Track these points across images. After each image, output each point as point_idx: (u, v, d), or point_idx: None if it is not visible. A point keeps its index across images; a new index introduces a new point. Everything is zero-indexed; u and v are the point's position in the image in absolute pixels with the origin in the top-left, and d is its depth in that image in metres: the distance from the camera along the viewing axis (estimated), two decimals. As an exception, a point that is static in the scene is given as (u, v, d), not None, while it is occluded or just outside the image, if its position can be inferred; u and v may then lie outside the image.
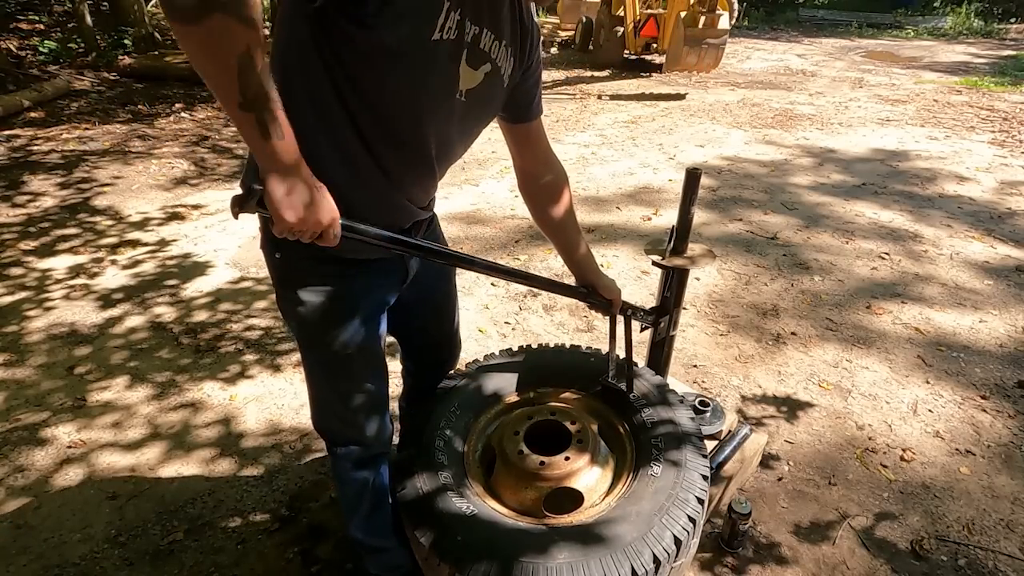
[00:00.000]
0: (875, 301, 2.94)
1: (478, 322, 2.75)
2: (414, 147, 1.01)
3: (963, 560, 1.69)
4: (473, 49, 0.96)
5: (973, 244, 3.53)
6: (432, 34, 0.88)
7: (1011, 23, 14.87)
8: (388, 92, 0.92)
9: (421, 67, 0.91)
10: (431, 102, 0.97)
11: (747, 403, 2.27)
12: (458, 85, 0.98)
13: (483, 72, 1.01)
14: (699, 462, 1.25)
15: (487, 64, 1.00)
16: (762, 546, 1.72)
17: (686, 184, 1.44)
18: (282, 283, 1.12)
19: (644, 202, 4.09)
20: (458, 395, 1.44)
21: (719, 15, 6.44)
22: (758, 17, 15.85)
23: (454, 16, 0.89)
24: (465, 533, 1.11)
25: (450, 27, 0.90)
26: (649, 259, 1.53)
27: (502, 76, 1.05)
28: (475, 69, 0.99)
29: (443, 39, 0.90)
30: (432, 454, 1.28)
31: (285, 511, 1.81)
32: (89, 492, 1.86)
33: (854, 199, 4.17)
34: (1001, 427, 2.17)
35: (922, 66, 9.53)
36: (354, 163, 0.97)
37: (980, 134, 5.71)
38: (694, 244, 1.55)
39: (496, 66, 1.02)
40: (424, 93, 0.95)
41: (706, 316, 2.82)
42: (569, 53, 10.00)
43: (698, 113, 6.45)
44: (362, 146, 0.96)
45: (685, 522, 1.13)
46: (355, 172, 0.98)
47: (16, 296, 2.87)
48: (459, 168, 4.71)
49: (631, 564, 1.04)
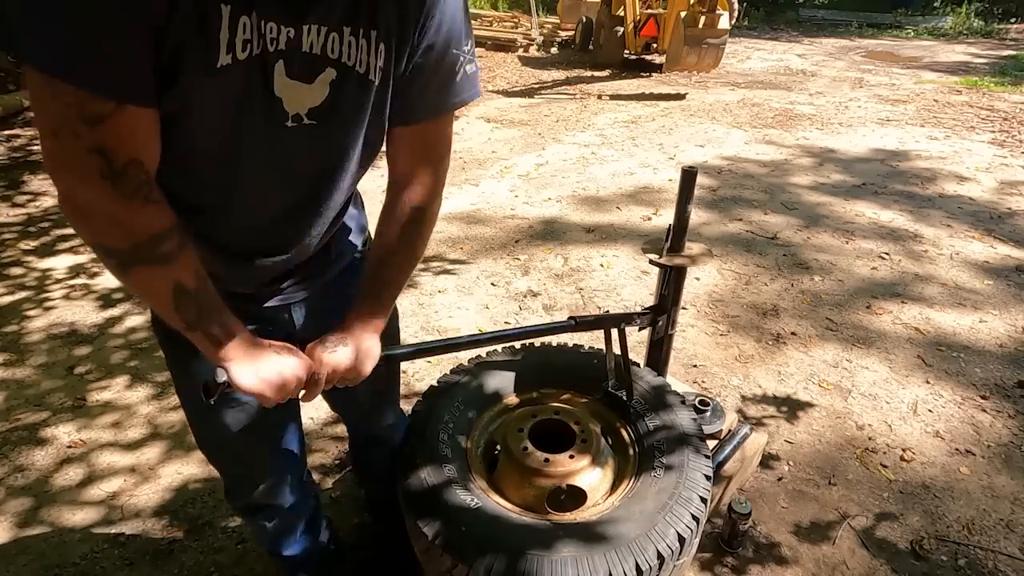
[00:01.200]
0: (875, 301, 2.94)
1: (478, 322, 2.75)
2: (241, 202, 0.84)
3: (963, 560, 1.69)
4: (294, 57, 0.74)
5: (973, 244, 3.53)
6: (217, 58, 0.67)
7: (1011, 23, 14.87)
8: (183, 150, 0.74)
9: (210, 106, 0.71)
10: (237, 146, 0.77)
11: (747, 403, 2.27)
12: (284, 109, 0.77)
13: (325, 82, 0.78)
14: (701, 462, 1.26)
15: (329, 70, 0.78)
16: (762, 546, 1.72)
17: (682, 183, 1.44)
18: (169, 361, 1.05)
19: (644, 202, 4.09)
20: (461, 391, 1.44)
21: (719, 15, 6.44)
22: (758, 17, 15.84)
23: (245, 22, 0.68)
24: (470, 525, 1.11)
25: (246, 39, 0.69)
26: (649, 259, 1.53)
27: (367, 77, 0.81)
28: (309, 82, 0.77)
29: (235, 61, 0.69)
30: (436, 447, 1.28)
31: (285, 511, 1.81)
32: (89, 492, 1.86)
33: (854, 199, 4.17)
34: (1001, 427, 2.17)
35: (922, 66, 9.54)
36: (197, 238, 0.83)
37: (980, 134, 5.71)
38: (692, 243, 1.55)
39: (348, 68, 0.79)
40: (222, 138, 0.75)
41: (706, 316, 2.82)
42: (569, 53, 10.00)
43: (698, 113, 6.45)
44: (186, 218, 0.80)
45: (689, 520, 1.13)
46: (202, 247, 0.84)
47: (16, 296, 2.87)
48: (459, 168, 4.71)
49: (635, 560, 1.05)
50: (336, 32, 0.75)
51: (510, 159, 4.96)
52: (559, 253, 3.39)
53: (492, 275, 3.14)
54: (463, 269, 3.20)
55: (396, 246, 0.97)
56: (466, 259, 3.31)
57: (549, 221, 3.80)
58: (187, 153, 0.75)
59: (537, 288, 3.03)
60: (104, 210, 0.70)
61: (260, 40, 0.70)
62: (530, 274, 3.16)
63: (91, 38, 0.61)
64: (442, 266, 3.23)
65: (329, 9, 0.74)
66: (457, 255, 3.36)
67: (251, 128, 0.76)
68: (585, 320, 1.35)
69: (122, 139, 0.67)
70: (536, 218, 3.84)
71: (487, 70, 8.46)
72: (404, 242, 0.97)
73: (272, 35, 0.71)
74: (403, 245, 0.97)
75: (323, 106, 0.79)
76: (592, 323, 1.38)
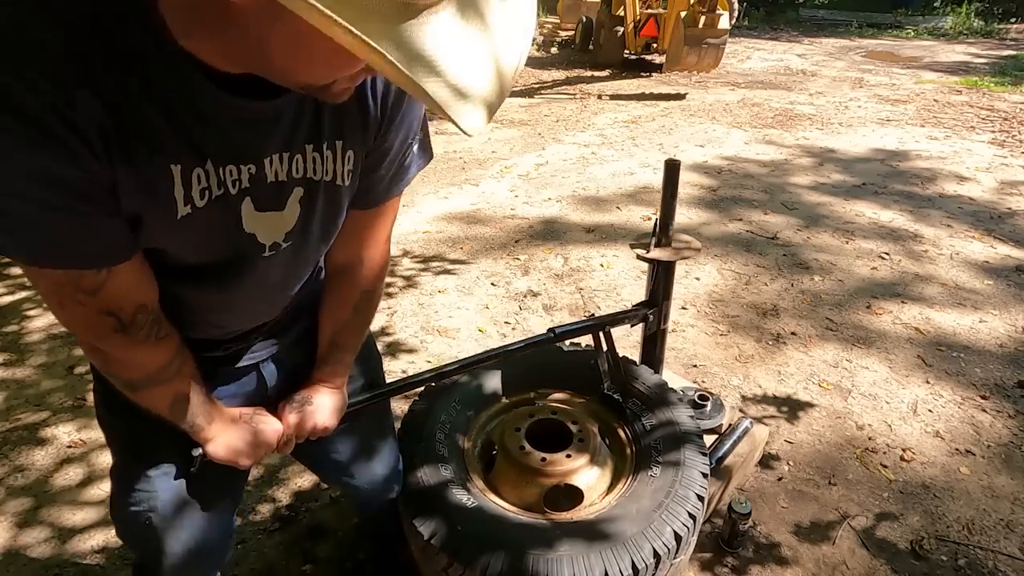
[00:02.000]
0: (875, 301, 2.94)
1: (478, 322, 2.75)
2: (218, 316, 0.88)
3: (963, 560, 1.69)
4: (261, 191, 0.73)
5: (973, 244, 3.53)
6: (176, 212, 0.66)
7: (1011, 23, 14.86)
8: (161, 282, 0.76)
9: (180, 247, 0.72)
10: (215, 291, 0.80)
11: (747, 403, 2.27)
12: (260, 242, 0.77)
13: (295, 201, 0.77)
14: (698, 460, 1.26)
15: (297, 189, 0.76)
16: (762, 546, 1.72)
17: (666, 176, 1.44)
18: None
19: (644, 202, 4.09)
20: (459, 390, 1.44)
21: (719, 15, 6.44)
22: (758, 17, 15.85)
23: (199, 173, 0.66)
24: (466, 524, 1.11)
25: (203, 188, 0.67)
26: (636, 254, 1.53)
27: (335, 183, 0.80)
28: (280, 208, 0.76)
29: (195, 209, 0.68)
30: (433, 447, 1.28)
31: (285, 511, 1.81)
32: (89, 492, 1.86)
33: (854, 199, 4.17)
34: (1001, 427, 2.17)
35: (922, 66, 9.53)
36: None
37: (980, 134, 5.71)
38: (681, 235, 1.55)
39: (315, 182, 0.77)
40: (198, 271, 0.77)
41: (706, 316, 2.82)
42: (569, 53, 10.00)
43: (698, 113, 6.45)
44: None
45: (685, 518, 1.13)
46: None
47: (16, 296, 2.87)
48: (459, 168, 4.72)
49: (631, 558, 1.05)
50: (299, 154, 0.74)
51: (510, 159, 4.96)
52: (559, 253, 3.39)
53: (492, 275, 3.15)
54: (463, 269, 3.20)
55: (348, 320, 1.00)
56: (466, 259, 3.31)
57: (549, 221, 3.80)
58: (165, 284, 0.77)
59: (537, 288, 3.03)
60: (119, 355, 0.76)
61: (220, 184, 0.69)
62: (530, 274, 3.16)
63: (56, 236, 0.62)
64: (442, 266, 3.23)
65: (289, 137, 0.72)
66: (457, 255, 3.36)
67: (227, 263, 0.77)
68: (566, 330, 1.34)
69: (124, 295, 0.70)
70: (536, 218, 3.84)
71: (487, 70, 8.46)
72: (356, 315, 1.01)
73: (233, 177, 0.69)
74: (355, 318, 1.01)
75: (297, 226, 0.80)
76: (575, 331, 1.37)
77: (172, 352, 0.80)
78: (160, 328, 0.77)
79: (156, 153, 0.62)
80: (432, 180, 4.45)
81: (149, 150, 0.61)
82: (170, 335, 0.79)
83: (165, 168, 0.63)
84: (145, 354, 0.77)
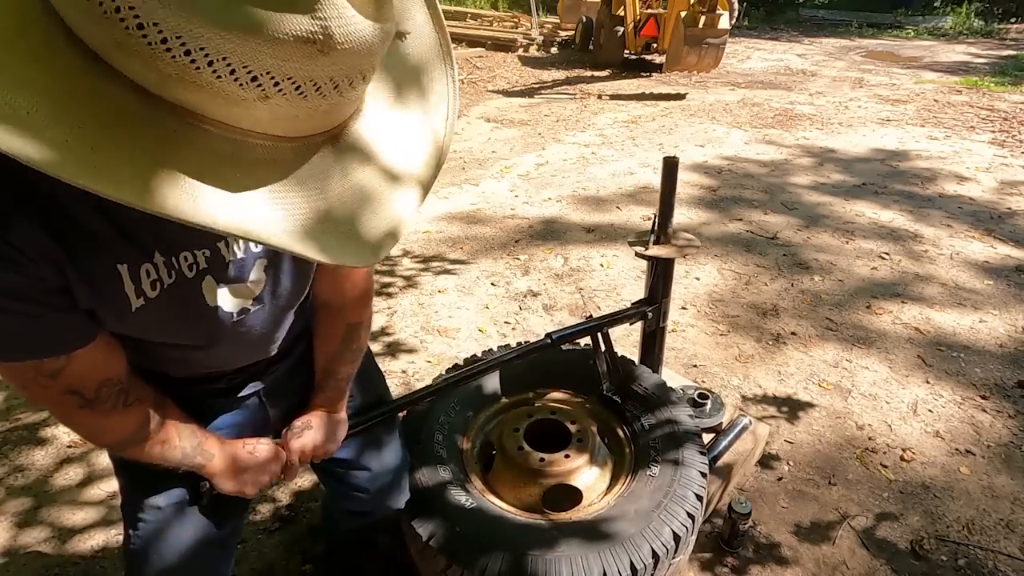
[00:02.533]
0: (875, 301, 2.94)
1: (478, 321, 2.75)
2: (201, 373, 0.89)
3: (963, 560, 1.69)
4: (220, 267, 0.74)
5: (973, 244, 3.52)
6: (129, 306, 0.68)
7: (1011, 23, 14.85)
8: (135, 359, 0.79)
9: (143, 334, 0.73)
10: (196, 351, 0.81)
11: (747, 403, 2.27)
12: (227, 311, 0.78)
13: (260, 270, 0.78)
14: (697, 459, 1.26)
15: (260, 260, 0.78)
16: (762, 546, 1.72)
17: (664, 173, 1.43)
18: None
19: (644, 202, 4.09)
20: (457, 391, 1.44)
21: (719, 15, 6.43)
22: (758, 17, 15.84)
23: (148, 268, 0.68)
24: (465, 526, 1.11)
25: (154, 280, 0.69)
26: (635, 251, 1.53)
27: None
28: (244, 281, 0.78)
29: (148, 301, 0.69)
30: (432, 448, 1.28)
31: (285, 511, 1.81)
32: (89, 492, 1.86)
33: (854, 199, 4.17)
34: (1001, 427, 2.17)
35: (922, 66, 9.53)
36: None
37: (980, 134, 5.71)
38: (680, 233, 1.54)
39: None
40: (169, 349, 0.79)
41: (706, 316, 2.82)
42: (569, 53, 9.99)
43: (698, 113, 6.45)
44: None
45: (684, 518, 1.13)
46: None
47: (16, 296, 2.87)
48: (459, 168, 4.72)
49: (630, 558, 1.05)
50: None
51: (510, 159, 4.96)
52: (559, 253, 3.39)
53: (492, 275, 3.15)
54: (463, 269, 3.20)
55: (338, 351, 1.02)
56: (466, 259, 3.31)
57: (549, 221, 3.80)
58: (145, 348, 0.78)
59: (537, 288, 3.03)
60: (90, 425, 0.78)
61: (173, 273, 0.70)
62: (530, 274, 3.16)
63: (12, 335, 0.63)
64: (442, 266, 3.23)
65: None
66: (457, 255, 3.36)
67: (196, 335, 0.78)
68: (563, 334, 1.34)
69: (85, 375, 0.71)
70: (536, 218, 3.84)
71: (487, 70, 8.47)
72: (345, 347, 1.02)
73: (188, 262, 0.71)
74: (344, 348, 1.02)
75: (265, 291, 0.80)
76: (572, 335, 1.36)
77: (144, 415, 0.80)
78: (128, 396, 0.77)
79: (100, 254, 0.64)
80: (432, 180, 4.44)
81: (93, 252, 0.63)
82: (141, 400, 0.79)
83: (111, 268, 0.65)
84: (116, 422, 0.77)
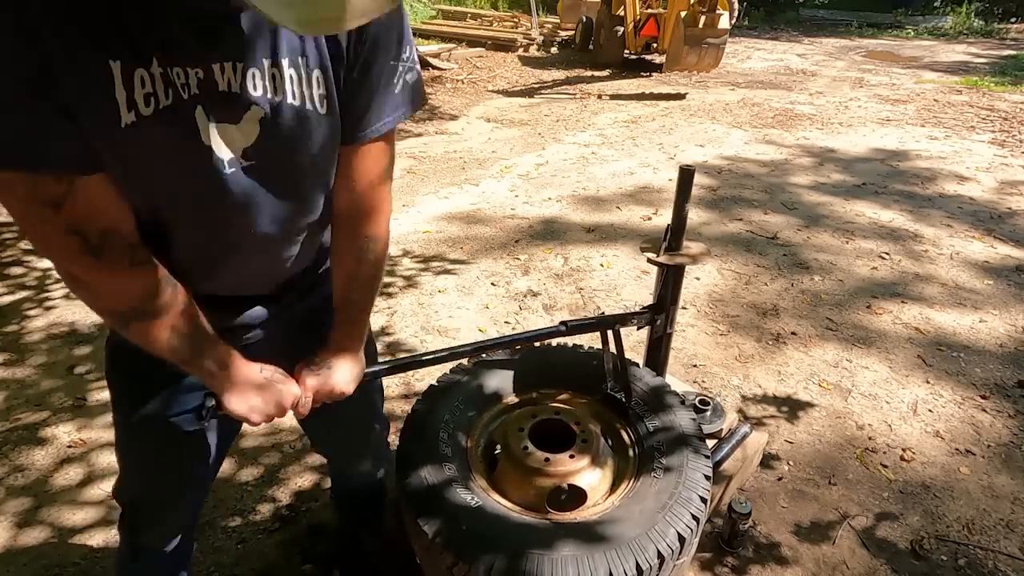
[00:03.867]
0: (875, 301, 2.94)
1: (478, 322, 2.75)
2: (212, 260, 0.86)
3: (963, 560, 1.69)
4: (212, 99, 0.70)
5: (973, 244, 3.53)
6: (119, 118, 0.64)
7: (1011, 23, 14.87)
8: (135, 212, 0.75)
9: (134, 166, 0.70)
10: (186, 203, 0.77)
11: (747, 403, 2.27)
12: (215, 155, 0.73)
13: (254, 120, 0.74)
14: (701, 462, 1.26)
15: (255, 107, 0.73)
16: (762, 546, 1.72)
17: (680, 181, 1.44)
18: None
19: (644, 202, 4.09)
20: (461, 390, 1.44)
21: (719, 15, 6.44)
22: (758, 17, 15.84)
23: (142, 75, 0.64)
24: (470, 524, 1.11)
25: (147, 92, 0.65)
26: (647, 257, 1.53)
27: (304, 107, 0.76)
28: (235, 123, 0.73)
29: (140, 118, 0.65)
30: (436, 446, 1.28)
31: (285, 511, 1.81)
32: (89, 492, 1.86)
33: (854, 199, 4.17)
34: (1001, 427, 2.17)
35: (922, 66, 9.54)
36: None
37: (980, 134, 5.72)
38: (691, 242, 1.55)
39: (276, 104, 0.74)
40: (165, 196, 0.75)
41: (706, 316, 2.82)
42: (569, 53, 9.99)
43: (698, 113, 6.45)
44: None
45: (688, 520, 1.13)
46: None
47: (16, 296, 2.87)
48: (459, 168, 4.72)
49: (636, 559, 1.05)
50: (255, 68, 0.71)
51: (510, 159, 4.96)
52: (559, 253, 3.39)
53: (492, 275, 3.15)
54: (463, 269, 3.20)
55: (357, 272, 0.98)
56: (466, 259, 3.31)
57: (549, 221, 3.80)
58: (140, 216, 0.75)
59: (537, 288, 3.03)
60: (93, 280, 0.74)
61: (170, 89, 0.66)
62: (530, 274, 3.16)
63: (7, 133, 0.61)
64: (442, 266, 3.23)
65: (241, 45, 0.69)
66: (457, 255, 3.36)
67: (191, 183, 0.74)
68: (577, 324, 1.34)
69: (88, 214, 0.69)
70: (536, 218, 3.84)
71: (487, 70, 8.46)
72: (365, 266, 0.98)
73: (181, 80, 0.67)
74: (364, 269, 0.98)
75: (258, 144, 0.76)
76: (585, 327, 1.37)
77: (152, 281, 0.76)
78: (135, 254, 0.74)
79: (97, 48, 0.61)
80: (432, 180, 4.45)
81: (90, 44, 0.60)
82: (147, 262, 0.76)
83: (103, 64, 0.62)
84: (121, 281, 0.74)
